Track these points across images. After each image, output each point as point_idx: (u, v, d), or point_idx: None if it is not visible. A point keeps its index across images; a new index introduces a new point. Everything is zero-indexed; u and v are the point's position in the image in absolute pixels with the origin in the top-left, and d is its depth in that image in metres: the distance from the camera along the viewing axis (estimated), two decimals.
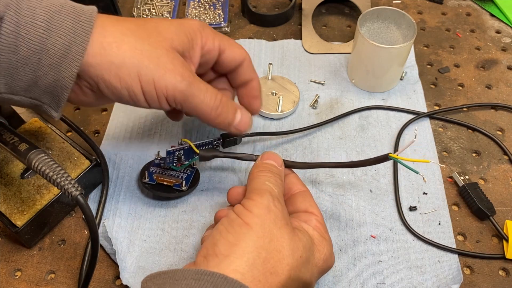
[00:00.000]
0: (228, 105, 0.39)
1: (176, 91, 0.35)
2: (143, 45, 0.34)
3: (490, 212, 0.45)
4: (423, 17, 0.66)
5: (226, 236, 0.31)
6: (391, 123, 0.54)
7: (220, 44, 0.40)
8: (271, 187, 0.35)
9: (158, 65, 0.34)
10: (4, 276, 0.43)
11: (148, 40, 0.35)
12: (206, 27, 0.40)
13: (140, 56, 0.34)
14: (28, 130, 0.48)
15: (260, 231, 0.31)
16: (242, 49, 0.42)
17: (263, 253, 0.31)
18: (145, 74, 0.34)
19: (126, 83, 0.34)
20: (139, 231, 0.45)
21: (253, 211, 0.33)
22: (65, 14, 0.32)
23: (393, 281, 0.42)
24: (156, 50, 0.35)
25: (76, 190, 0.34)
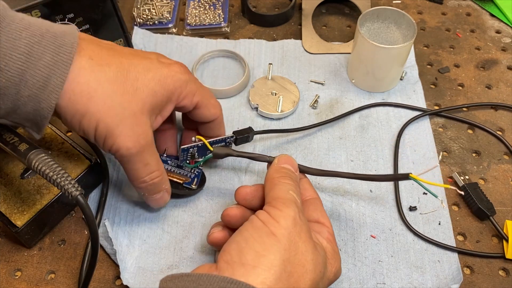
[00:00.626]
0: (156, 186, 0.40)
1: (118, 154, 0.36)
2: (113, 102, 0.35)
3: (490, 212, 0.45)
4: (423, 17, 0.66)
5: (253, 245, 0.31)
6: (391, 123, 0.54)
7: (199, 102, 0.41)
8: (295, 197, 0.35)
9: (117, 125, 0.35)
10: (4, 276, 0.43)
11: (121, 97, 0.35)
12: (191, 82, 0.40)
13: (106, 111, 0.34)
14: None
15: (287, 244, 0.31)
16: (218, 110, 0.44)
17: (288, 267, 0.31)
18: (101, 128, 0.35)
19: (84, 128, 0.35)
20: (139, 231, 0.45)
21: (280, 222, 0.32)
22: (45, 46, 0.32)
23: (393, 281, 0.42)
24: (123, 112, 0.35)
25: (76, 190, 0.34)
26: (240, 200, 0.40)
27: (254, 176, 0.49)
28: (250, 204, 0.40)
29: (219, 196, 0.48)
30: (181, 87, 0.39)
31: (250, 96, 0.55)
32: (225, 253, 0.31)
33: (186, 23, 0.64)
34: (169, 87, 0.38)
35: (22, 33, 0.31)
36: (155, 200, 0.42)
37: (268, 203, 0.35)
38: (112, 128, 0.35)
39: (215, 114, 0.43)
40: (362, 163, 0.50)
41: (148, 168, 0.38)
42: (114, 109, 0.35)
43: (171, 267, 0.43)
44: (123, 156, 0.36)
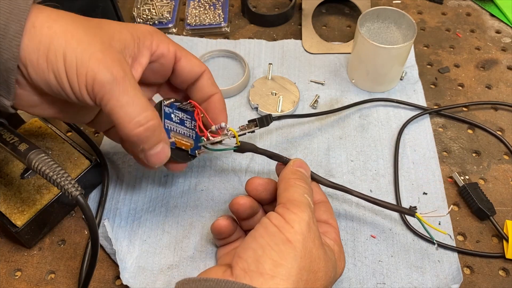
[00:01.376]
0: (154, 132, 0.34)
1: (96, 82, 0.31)
2: (76, 30, 0.32)
3: (490, 212, 0.45)
4: (423, 17, 0.66)
5: (270, 253, 0.31)
6: (391, 122, 0.54)
7: (177, 51, 0.39)
8: (310, 201, 0.35)
9: (85, 50, 0.31)
10: (4, 276, 0.43)
11: (84, 28, 0.32)
12: (159, 32, 0.38)
13: (70, 37, 0.31)
14: (28, 130, 0.48)
15: (303, 251, 0.31)
16: (201, 62, 0.41)
17: (304, 275, 0.31)
18: (70, 57, 0.31)
19: (52, 64, 0.31)
20: (139, 231, 0.45)
21: (295, 227, 0.32)
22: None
23: (393, 281, 0.42)
24: (89, 38, 0.32)
25: (76, 190, 0.34)
26: (251, 190, 0.40)
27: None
28: (259, 196, 0.40)
29: (219, 196, 0.48)
30: (149, 33, 0.37)
31: (250, 96, 0.55)
32: (241, 260, 0.31)
33: (186, 23, 0.64)
34: (135, 30, 0.36)
35: None
36: (156, 155, 0.36)
37: (282, 204, 0.34)
38: (81, 53, 0.31)
39: (201, 65, 0.40)
40: (362, 163, 0.50)
41: (138, 103, 0.33)
42: (78, 36, 0.31)
43: (171, 267, 0.43)
44: (102, 84, 0.31)
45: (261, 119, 0.44)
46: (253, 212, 0.40)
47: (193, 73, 0.40)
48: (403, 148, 0.51)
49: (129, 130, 0.33)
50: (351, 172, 0.50)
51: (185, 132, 0.41)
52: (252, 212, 0.40)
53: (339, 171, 0.50)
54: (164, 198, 0.48)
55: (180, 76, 0.40)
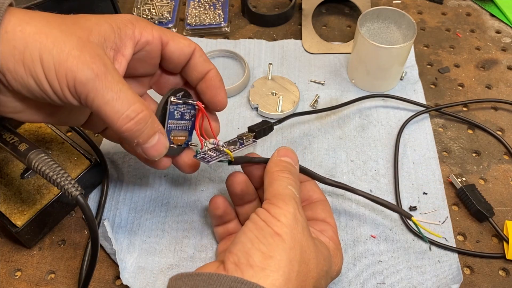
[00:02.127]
0: (146, 124, 0.33)
1: (77, 81, 0.30)
2: (51, 30, 0.30)
3: (489, 214, 0.45)
4: (423, 17, 0.66)
5: (258, 246, 0.31)
6: (391, 122, 0.54)
7: (162, 36, 0.37)
8: (294, 192, 0.35)
9: (61, 50, 0.30)
10: (4, 276, 0.43)
11: (59, 26, 0.31)
12: (140, 19, 0.36)
13: (44, 39, 0.30)
14: (28, 130, 0.48)
15: (292, 243, 0.31)
16: (190, 40, 0.38)
17: (296, 266, 0.31)
18: (47, 59, 0.30)
19: (30, 69, 0.30)
20: (139, 231, 0.45)
21: (282, 220, 0.32)
22: None
23: (393, 281, 0.42)
24: (65, 36, 0.30)
25: (76, 190, 0.34)
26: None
27: None
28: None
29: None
30: (130, 21, 0.35)
31: (250, 96, 0.55)
32: (232, 255, 0.31)
33: (186, 23, 0.64)
34: (114, 20, 0.34)
35: None
36: (153, 147, 0.35)
37: (268, 200, 0.34)
38: (58, 53, 0.30)
39: (190, 44, 0.38)
40: (362, 163, 0.50)
41: (124, 97, 0.31)
42: (53, 36, 0.30)
43: (171, 267, 0.43)
44: (83, 82, 0.30)
45: (259, 131, 0.43)
46: (249, 188, 0.40)
47: (183, 55, 0.38)
48: (403, 148, 0.51)
49: (119, 126, 0.32)
50: (351, 172, 0.50)
51: (182, 125, 0.40)
52: (248, 188, 0.40)
53: (339, 171, 0.50)
54: (164, 198, 0.48)
55: (171, 60, 0.38)
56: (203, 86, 0.40)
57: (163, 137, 0.36)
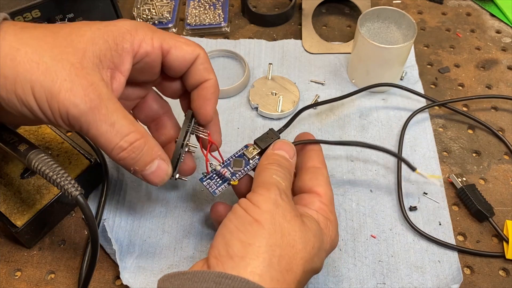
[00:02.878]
0: (142, 151, 0.33)
1: (69, 115, 0.30)
2: (41, 58, 0.29)
3: (489, 214, 0.45)
4: (423, 17, 0.66)
5: (237, 235, 0.30)
6: (392, 122, 0.54)
7: (163, 44, 0.35)
8: (278, 180, 0.34)
9: (53, 82, 0.29)
10: (4, 276, 0.43)
11: (51, 51, 0.30)
12: (140, 27, 0.34)
13: (36, 70, 0.29)
14: (28, 130, 0.48)
15: (272, 228, 0.30)
16: (194, 46, 0.37)
17: (277, 251, 0.30)
18: (38, 91, 0.29)
19: (22, 99, 0.29)
20: (139, 231, 0.45)
21: (261, 207, 0.32)
22: None
23: (393, 281, 0.42)
24: (57, 64, 0.29)
25: (76, 190, 0.34)
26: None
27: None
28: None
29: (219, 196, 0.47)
30: (128, 32, 0.33)
31: (250, 96, 0.55)
32: (213, 249, 0.31)
33: (186, 23, 0.64)
34: (111, 33, 0.32)
35: None
36: (153, 174, 0.34)
37: (252, 190, 0.34)
38: (49, 86, 0.29)
39: (193, 50, 0.36)
40: (362, 163, 0.50)
41: (118, 129, 0.31)
42: (44, 65, 0.29)
43: (171, 267, 0.43)
44: (76, 116, 0.29)
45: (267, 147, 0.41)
46: None
47: (185, 62, 0.36)
48: (404, 148, 0.51)
49: (113, 156, 0.32)
50: (351, 172, 0.50)
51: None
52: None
53: (339, 171, 0.50)
54: (164, 198, 0.48)
55: (172, 68, 0.37)
56: (195, 93, 0.38)
57: (164, 163, 0.34)
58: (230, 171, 0.40)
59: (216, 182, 0.39)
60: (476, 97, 0.55)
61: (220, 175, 0.39)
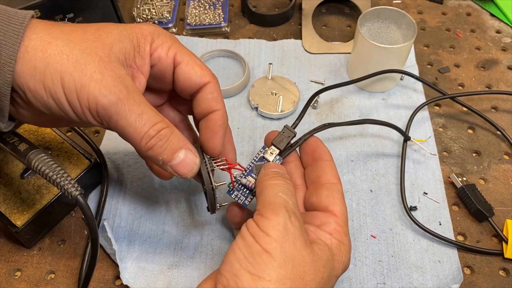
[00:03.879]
0: (168, 140, 0.33)
1: (99, 106, 0.30)
2: (71, 50, 0.30)
3: (489, 214, 0.45)
4: (423, 17, 0.66)
5: (246, 266, 0.29)
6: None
7: (177, 55, 0.35)
8: (285, 199, 0.32)
9: (83, 73, 0.30)
10: (4, 276, 0.43)
11: (80, 45, 0.31)
12: (162, 34, 0.35)
13: (66, 61, 0.30)
14: (28, 130, 0.48)
15: (282, 259, 0.29)
16: (206, 71, 0.36)
17: (287, 283, 0.29)
18: (68, 81, 0.30)
19: (50, 90, 0.30)
20: (139, 231, 0.45)
21: (270, 234, 0.30)
22: None
23: (393, 281, 0.42)
24: (86, 57, 0.30)
25: (76, 190, 0.34)
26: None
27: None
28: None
29: (220, 196, 0.48)
30: (150, 35, 0.34)
31: (250, 96, 0.55)
32: (221, 277, 0.30)
33: (186, 23, 0.64)
34: (134, 34, 0.34)
35: None
36: (181, 164, 0.34)
37: (258, 211, 0.33)
38: (79, 77, 0.30)
39: (204, 74, 0.36)
40: (362, 163, 0.50)
41: (146, 118, 0.32)
42: (74, 57, 0.30)
43: (171, 267, 0.43)
44: (105, 107, 0.30)
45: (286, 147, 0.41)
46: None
47: (190, 82, 0.36)
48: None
49: (142, 146, 0.32)
50: (351, 172, 0.50)
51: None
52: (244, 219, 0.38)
53: (339, 171, 0.49)
54: (164, 198, 0.48)
55: (178, 82, 0.37)
56: (203, 124, 0.38)
57: (191, 152, 0.34)
58: (254, 177, 0.39)
59: (244, 192, 0.39)
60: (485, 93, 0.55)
61: (246, 186, 0.39)
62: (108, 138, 0.52)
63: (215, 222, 0.46)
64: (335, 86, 0.50)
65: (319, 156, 0.40)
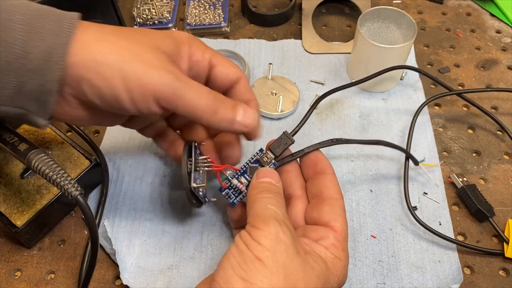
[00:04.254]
0: (225, 100, 0.36)
1: (164, 86, 0.32)
2: (126, 42, 0.33)
3: (490, 214, 0.45)
4: (423, 17, 0.66)
5: (239, 272, 0.29)
6: (392, 122, 0.54)
7: (212, 58, 0.38)
8: (275, 210, 0.33)
9: (141, 61, 0.32)
10: (4, 276, 0.43)
11: (132, 38, 0.33)
12: (196, 39, 0.39)
13: (123, 51, 0.32)
14: (28, 130, 0.48)
15: (274, 266, 0.29)
16: (238, 69, 0.40)
17: None
18: (128, 70, 0.32)
19: (109, 81, 0.32)
20: (139, 231, 0.45)
21: (262, 243, 0.30)
22: (45, 17, 0.31)
23: (393, 281, 0.42)
24: (140, 48, 0.33)
25: (76, 190, 0.34)
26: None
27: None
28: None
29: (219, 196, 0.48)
30: (187, 40, 0.38)
31: None
32: (214, 283, 0.30)
33: (186, 23, 0.64)
34: (175, 37, 0.37)
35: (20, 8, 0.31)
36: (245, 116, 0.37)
37: (249, 223, 0.33)
38: (138, 66, 0.32)
39: (237, 71, 0.40)
40: (362, 163, 0.50)
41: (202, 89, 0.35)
42: (129, 48, 0.32)
43: (171, 267, 0.43)
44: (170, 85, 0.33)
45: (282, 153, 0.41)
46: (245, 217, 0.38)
47: (227, 80, 0.40)
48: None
49: (207, 114, 0.35)
50: (351, 172, 0.50)
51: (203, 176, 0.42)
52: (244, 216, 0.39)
53: (339, 171, 0.50)
54: (164, 198, 0.48)
55: (215, 83, 0.39)
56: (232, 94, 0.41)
57: (246, 105, 0.37)
58: (247, 179, 0.40)
59: (235, 192, 0.40)
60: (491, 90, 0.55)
61: (237, 186, 0.40)
62: (108, 138, 0.52)
63: (215, 223, 0.46)
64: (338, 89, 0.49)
65: (321, 170, 0.40)
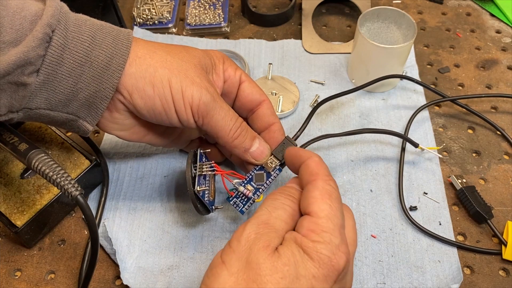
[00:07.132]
0: (247, 131, 0.41)
1: (201, 102, 0.37)
2: (173, 58, 0.37)
3: (488, 216, 0.45)
4: (423, 17, 0.66)
5: (205, 281, 0.29)
6: (392, 122, 0.54)
7: (242, 75, 0.43)
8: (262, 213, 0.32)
9: (186, 76, 0.37)
10: (4, 276, 0.43)
11: (178, 55, 0.38)
12: (229, 58, 0.43)
13: (171, 66, 0.37)
14: (28, 130, 0.48)
15: (234, 266, 0.29)
16: (262, 91, 0.44)
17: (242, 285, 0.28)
18: (175, 82, 0.36)
19: (159, 89, 0.36)
20: (139, 231, 0.45)
21: (232, 246, 0.30)
22: (106, 32, 0.36)
23: (393, 281, 0.42)
24: (185, 64, 0.38)
25: (76, 190, 0.34)
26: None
27: None
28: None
29: (219, 196, 0.48)
30: (222, 58, 0.42)
31: None
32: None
33: (186, 23, 0.64)
34: (211, 55, 0.41)
35: (86, 21, 0.35)
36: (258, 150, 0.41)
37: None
38: (184, 80, 0.37)
39: (262, 93, 0.43)
40: (362, 163, 0.50)
41: (231, 113, 0.39)
42: (176, 64, 0.37)
43: (171, 267, 0.43)
44: (206, 103, 0.37)
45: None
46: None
47: (252, 100, 0.43)
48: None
49: (230, 137, 0.39)
50: (351, 172, 0.50)
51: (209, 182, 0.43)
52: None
53: (339, 171, 0.50)
54: (164, 198, 0.48)
55: (241, 100, 0.43)
56: (266, 136, 0.43)
57: (263, 141, 0.42)
58: (253, 186, 0.41)
59: (242, 200, 0.41)
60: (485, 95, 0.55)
61: (244, 194, 0.41)
62: (108, 138, 0.52)
63: (215, 223, 0.46)
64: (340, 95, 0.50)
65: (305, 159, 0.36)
